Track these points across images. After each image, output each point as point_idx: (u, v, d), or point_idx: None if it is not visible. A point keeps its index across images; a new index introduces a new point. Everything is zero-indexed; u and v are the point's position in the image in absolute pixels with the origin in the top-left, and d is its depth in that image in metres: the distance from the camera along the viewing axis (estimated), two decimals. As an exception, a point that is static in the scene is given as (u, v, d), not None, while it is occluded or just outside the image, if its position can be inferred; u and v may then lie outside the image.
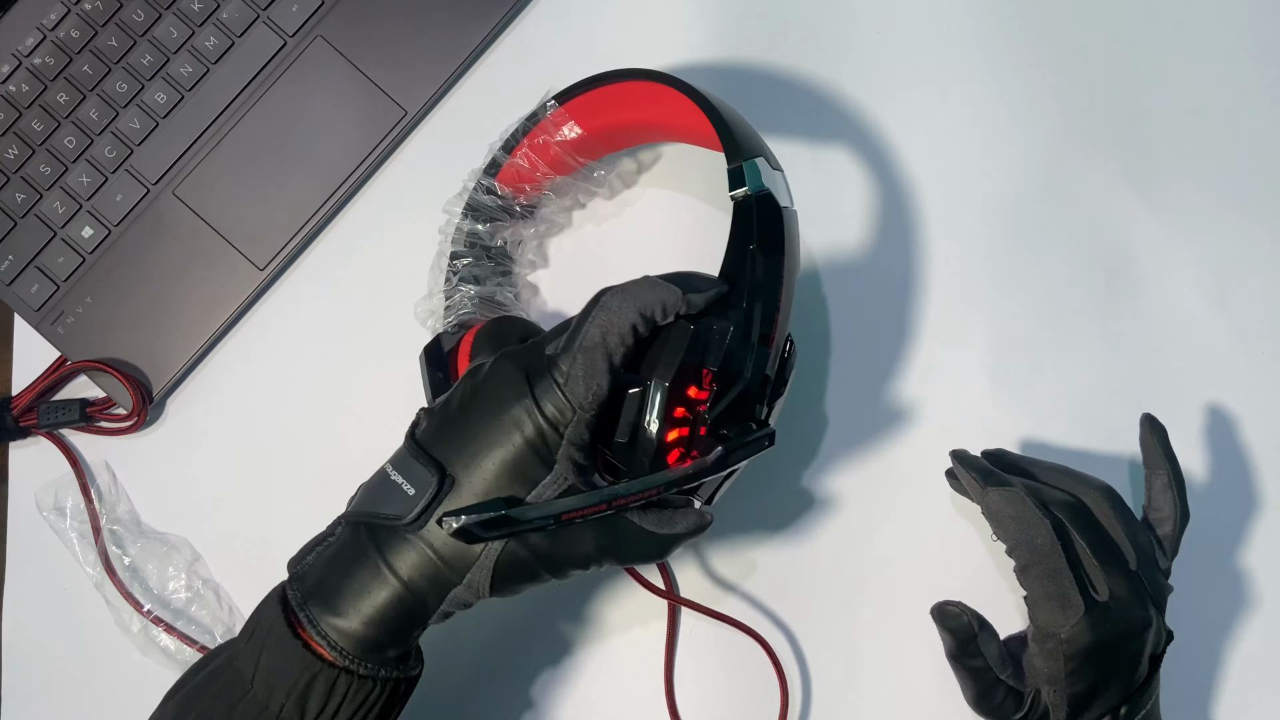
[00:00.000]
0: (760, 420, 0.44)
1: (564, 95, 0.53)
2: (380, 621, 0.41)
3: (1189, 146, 0.59)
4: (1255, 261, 0.58)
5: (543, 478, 0.41)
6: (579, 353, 0.41)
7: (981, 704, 0.48)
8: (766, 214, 0.46)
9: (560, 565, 0.43)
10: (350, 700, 0.41)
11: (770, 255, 0.45)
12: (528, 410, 0.41)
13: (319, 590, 0.42)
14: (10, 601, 0.59)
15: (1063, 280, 0.58)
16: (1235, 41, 0.60)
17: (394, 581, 0.41)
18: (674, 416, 0.43)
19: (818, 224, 0.59)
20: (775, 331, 0.45)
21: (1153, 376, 0.57)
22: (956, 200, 0.59)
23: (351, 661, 0.41)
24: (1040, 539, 0.46)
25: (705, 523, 0.44)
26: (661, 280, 0.43)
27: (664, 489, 0.41)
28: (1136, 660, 0.46)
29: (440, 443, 0.42)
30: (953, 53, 0.60)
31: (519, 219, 0.56)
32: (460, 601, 0.42)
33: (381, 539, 0.42)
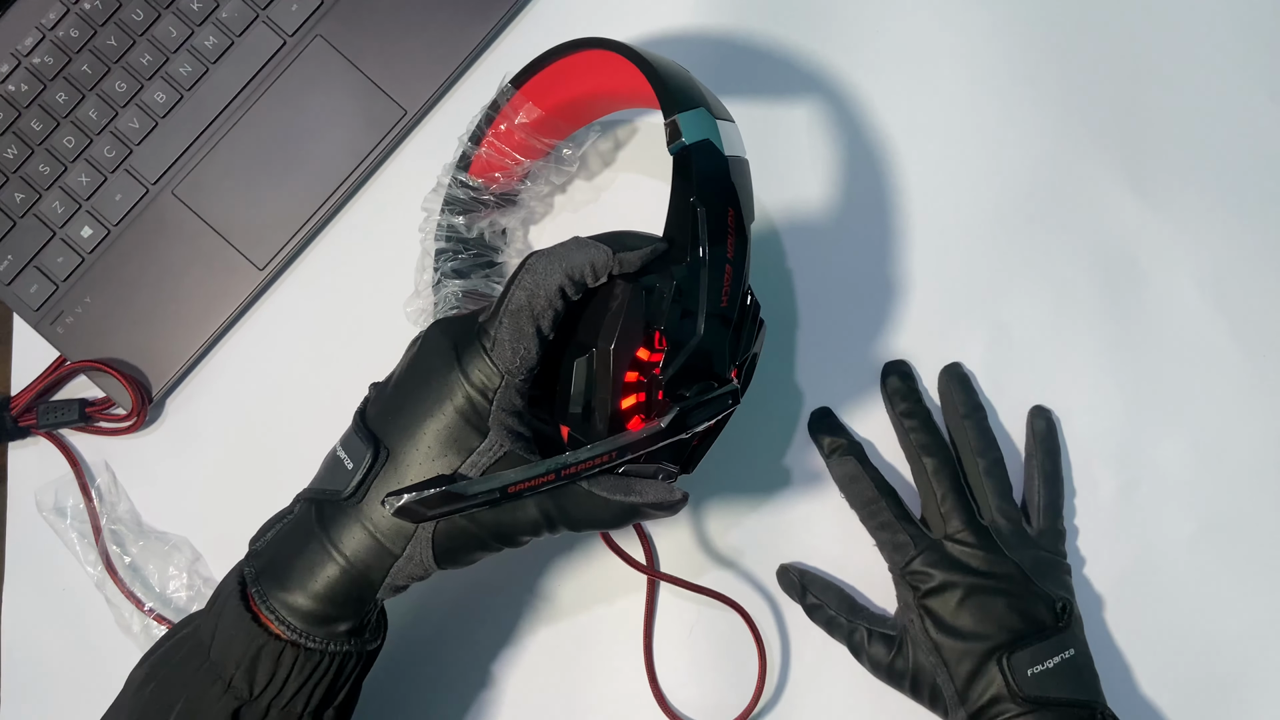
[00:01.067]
0: (724, 379, 0.43)
1: (519, 78, 0.53)
2: (327, 596, 0.42)
3: (1190, 146, 0.59)
4: (1255, 261, 0.58)
5: (478, 445, 0.41)
6: (504, 317, 0.41)
7: (860, 655, 0.53)
8: (706, 163, 0.43)
9: (506, 534, 0.43)
10: (298, 672, 0.42)
11: (714, 205, 0.42)
12: (456, 378, 0.41)
13: (270, 566, 0.43)
14: (10, 601, 0.59)
15: (1062, 279, 0.58)
16: (1236, 42, 0.60)
17: (337, 557, 0.42)
18: (627, 382, 0.42)
19: (818, 224, 0.59)
20: (727, 285, 0.42)
21: (1152, 376, 0.57)
22: (956, 200, 0.59)
23: (299, 635, 0.42)
24: (867, 496, 0.54)
25: (673, 499, 0.43)
26: (592, 240, 0.42)
27: (615, 455, 0.41)
28: (998, 605, 0.50)
29: (379, 416, 0.43)
30: (954, 51, 0.60)
31: (495, 208, 0.56)
32: (407, 574, 0.42)
33: (327, 515, 0.42)
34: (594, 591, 0.57)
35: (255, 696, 0.42)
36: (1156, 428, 0.57)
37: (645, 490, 0.43)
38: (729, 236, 0.42)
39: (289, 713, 0.43)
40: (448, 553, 0.42)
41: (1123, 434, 0.57)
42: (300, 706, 0.43)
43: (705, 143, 0.43)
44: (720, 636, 0.55)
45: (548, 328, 0.41)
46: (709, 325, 0.42)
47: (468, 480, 0.40)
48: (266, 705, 0.42)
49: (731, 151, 0.44)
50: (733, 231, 0.43)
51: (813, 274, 0.58)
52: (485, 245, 0.56)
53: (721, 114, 0.45)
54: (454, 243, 0.55)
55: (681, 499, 0.44)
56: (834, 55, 0.60)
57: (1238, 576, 0.56)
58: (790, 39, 0.60)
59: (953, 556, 0.51)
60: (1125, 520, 0.56)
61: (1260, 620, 0.56)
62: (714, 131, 0.44)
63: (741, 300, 0.43)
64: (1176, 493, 0.56)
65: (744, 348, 0.44)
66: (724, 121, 0.44)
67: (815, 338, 0.58)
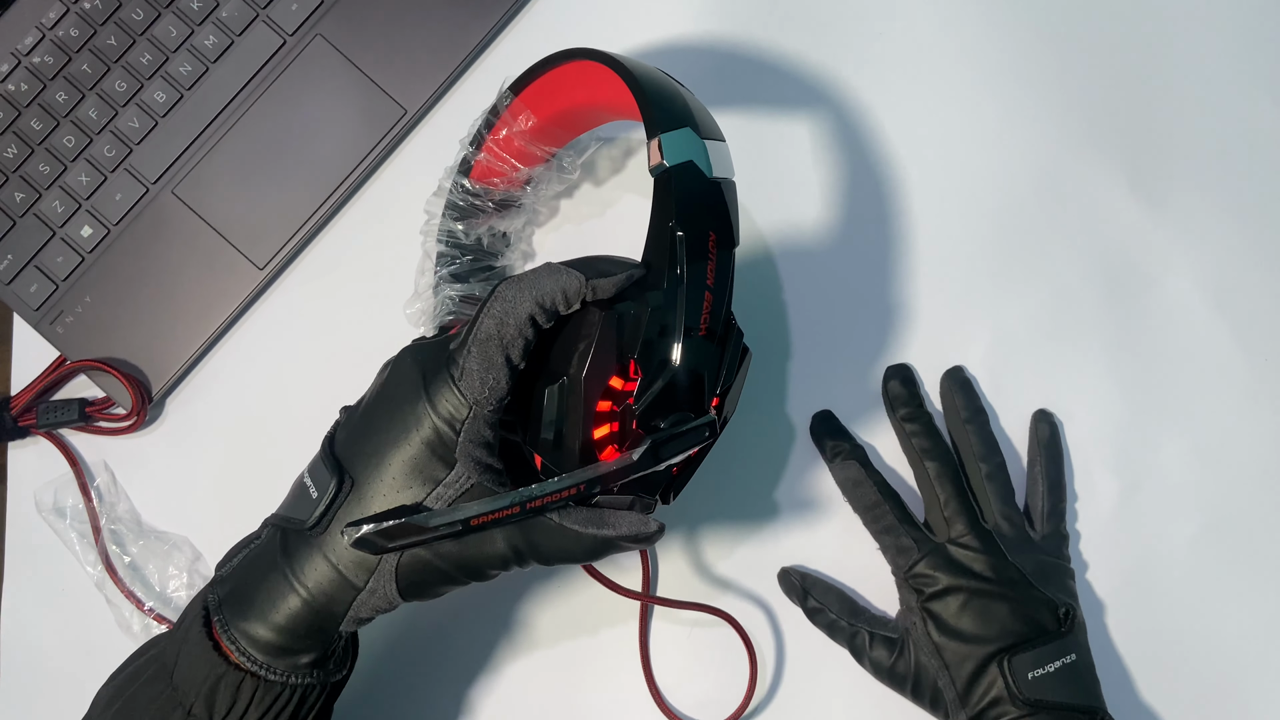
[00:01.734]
0: (702, 410, 0.41)
1: (517, 84, 0.52)
2: (288, 629, 0.41)
3: (1191, 149, 0.59)
4: (1257, 265, 0.58)
5: (444, 478, 0.40)
6: (473, 346, 0.40)
7: (861, 658, 0.53)
8: (687, 186, 0.42)
9: (473, 568, 0.42)
10: (257, 703, 0.41)
11: (694, 230, 0.41)
12: (423, 408, 0.40)
13: (233, 595, 0.42)
14: (9, 602, 0.59)
15: (1063, 283, 0.58)
16: (1238, 45, 0.60)
17: (299, 589, 0.41)
18: (600, 411, 0.41)
19: (818, 225, 0.58)
20: (706, 312, 0.41)
21: (1154, 380, 0.57)
22: (957, 203, 0.59)
23: (259, 666, 0.41)
24: (870, 500, 0.54)
25: (648, 531, 0.42)
26: (564, 266, 0.41)
27: (582, 488, 0.39)
28: (1000, 609, 0.50)
29: (346, 443, 0.42)
30: (955, 53, 0.60)
31: (495, 214, 0.55)
32: (371, 607, 0.41)
33: (290, 545, 0.41)
34: (587, 607, 0.56)
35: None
36: (1157, 431, 0.57)
37: (618, 523, 0.42)
38: (709, 262, 0.41)
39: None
40: (412, 586, 0.41)
41: (1124, 437, 0.57)
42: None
43: (688, 165, 0.42)
44: (716, 641, 0.56)
45: (518, 357, 0.40)
46: (686, 354, 0.41)
47: (429, 512, 0.39)
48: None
49: (718, 173, 0.43)
50: (713, 256, 0.41)
51: (813, 274, 0.58)
52: (484, 250, 0.56)
53: (711, 133, 0.44)
54: (453, 247, 0.55)
55: (656, 531, 0.42)
56: (835, 62, 0.60)
57: (1239, 579, 0.56)
58: (791, 48, 0.60)
59: (956, 560, 0.51)
60: (1126, 523, 0.56)
61: (1261, 623, 0.56)
62: (699, 152, 0.42)
63: (723, 327, 0.42)
64: (1177, 495, 0.56)
65: (726, 377, 0.43)
66: (712, 141, 0.43)
67: (816, 339, 0.58)
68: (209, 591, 0.43)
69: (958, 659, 0.50)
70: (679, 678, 0.56)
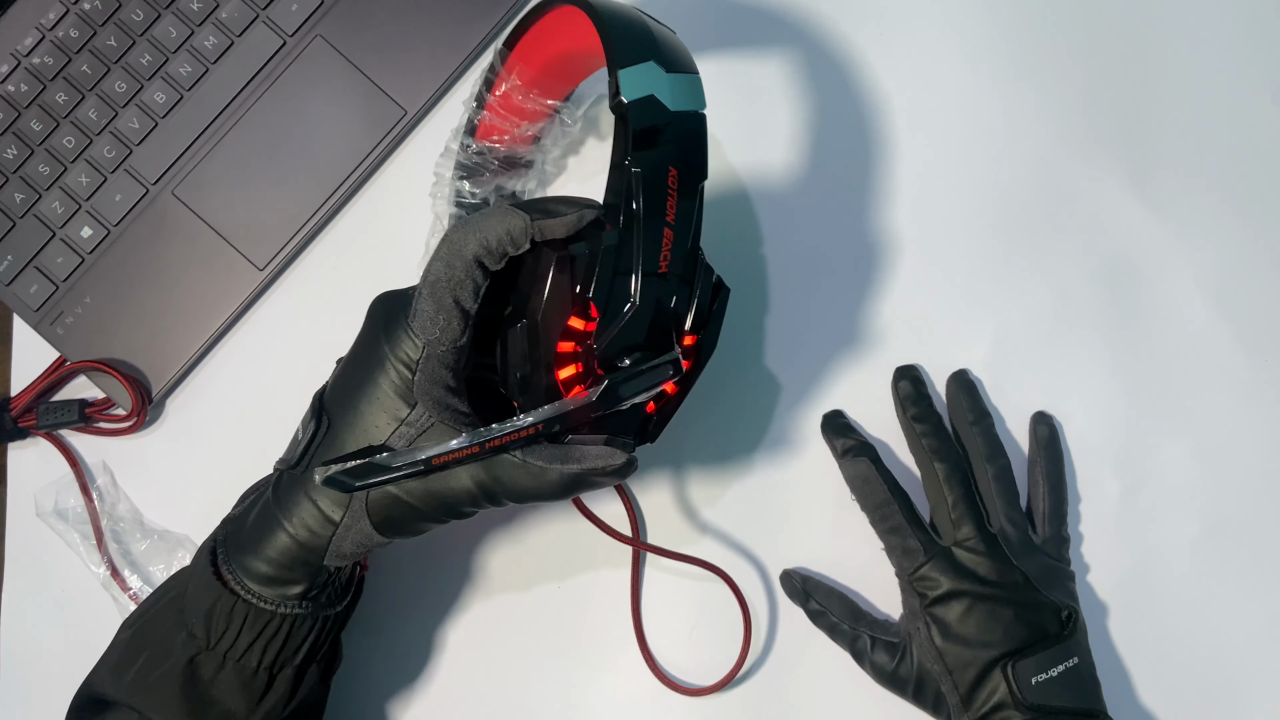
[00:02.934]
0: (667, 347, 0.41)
1: (510, 40, 0.52)
2: (277, 561, 0.44)
3: (1193, 149, 0.59)
4: (1258, 265, 0.58)
5: (407, 416, 0.42)
6: (423, 288, 0.41)
7: (862, 661, 0.53)
8: (645, 120, 0.40)
9: (442, 506, 0.43)
10: (249, 628, 0.44)
11: (651, 166, 0.40)
12: (384, 350, 0.42)
13: (237, 531, 0.46)
14: (10, 602, 0.59)
15: (1065, 284, 0.58)
16: (1240, 44, 0.59)
17: (285, 524, 0.44)
18: (563, 351, 0.41)
19: (817, 226, 0.58)
20: (666, 250, 0.40)
21: (1154, 380, 0.57)
22: (957, 203, 0.59)
23: (252, 595, 0.44)
24: (879, 499, 0.53)
25: (615, 463, 0.42)
26: (513, 207, 0.41)
27: (541, 427, 0.40)
28: (1005, 615, 0.49)
29: (329, 388, 0.44)
30: (955, 52, 0.60)
31: (501, 172, 0.55)
32: (352, 541, 0.43)
33: (281, 485, 0.45)
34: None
35: (212, 646, 0.45)
36: (1158, 431, 0.57)
37: (585, 456, 0.42)
38: (668, 199, 0.40)
39: (244, 666, 0.45)
40: (387, 521, 0.43)
41: (1124, 438, 0.57)
42: (255, 661, 0.45)
43: (647, 99, 0.40)
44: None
45: (468, 299, 0.41)
46: (646, 293, 0.40)
47: (391, 453, 0.41)
48: (222, 655, 0.45)
49: (683, 106, 0.41)
50: (673, 193, 0.40)
51: (813, 275, 0.58)
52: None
53: (679, 66, 0.42)
54: (462, 207, 0.55)
55: (625, 464, 0.43)
56: (836, 59, 0.60)
57: (1239, 580, 0.56)
58: (791, 48, 0.60)
59: (961, 564, 0.51)
60: (1127, 524, 0.56)
61: (1262, 624, 0.56)
62: (661, 86, 0.41)
63: (689, 264, 0.42)
64: (1178, 496, 0.56)
65: (697, 314, 0.43)
66: (679, 74, 0.42)
67: (816, 340, 0.58)
68: (219, 529, 0.47)
69: (961, 664, 0.50)
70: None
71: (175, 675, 0.44)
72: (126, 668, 0.46)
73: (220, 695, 0.45)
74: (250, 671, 0.45)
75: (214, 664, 0.45)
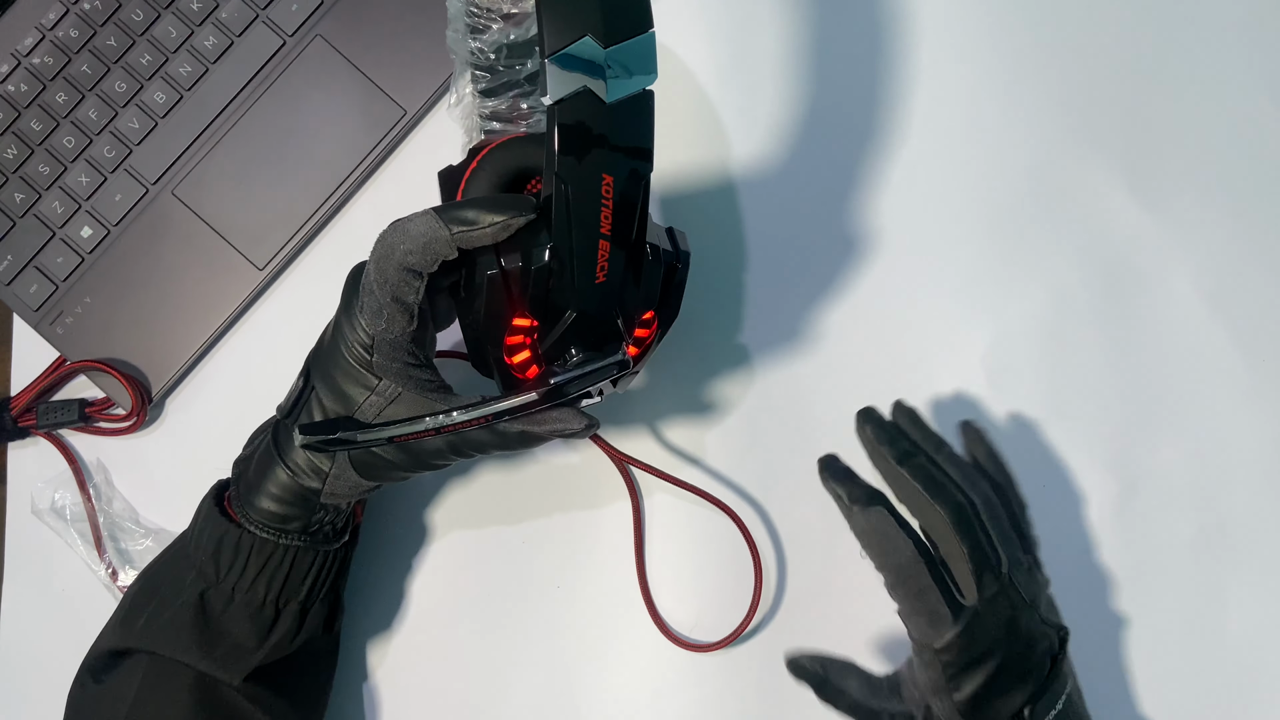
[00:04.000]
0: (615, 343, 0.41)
1: None
2: (278, 497, 0.47)
3: (1190, 149, 0.59)
4: (1255, 265, 0.58)
5: (375, 385, 0.44)
6: (363, 287, 0.43)
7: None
8: (573, 125, 0.37)
9: (416, 460, 0.46)
10: (255, 558, 0.47)
11: (581, 177, 0.37)
12: (345, 328, 0.44)
13: (244, 470, 0.49)
14: (9, 602, 0.59)
15: (1063, 284, 0.58)
16: (1238, 44, 0.60)
17: (286, 464, 0.47)
18: (510, 344, 0.42)
19: (814, 226, 0.59)
20: (604, 261, 0.39)
21: (1153, 380, 0.57)
22: (956, 203, 0.59)
23: (256, 527, 0.47)
24: (903, 558, 0.44)
25: (573, 428, 0.44)
26: (436, 216, 0.41)
27: (490, 419, 0.41)
28: (1024, 661, 0.45)
29: (314, 350, 0.47)
30: (954, 53, 0.60)
31: (510, 24, 0.54)
32: (344, 485, 0.46)
33: (280, 430, 0.48)
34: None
35: (220, 580, 0.47)
36: (1156, 431, 0.57)
37: (546, 418, 0.44)
38: (602, 209, 0.38)
39: (251, 599, 0.47)
40: (369, 470, 0.46)
41: (1123, 437, 0.57)
42: (261, 593, 0.47)
43: (578, 96, 0.36)
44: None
45: (410, 296, 0.42)
46: (583, 303, 0.40)
47: (356, 430, 0.43)
48: (231, 589, 0.47)
49: (624, 90, 0.37)
50: (608, 202, 0.38)
51: (809, 275, 0.58)
52: (506, 65, 0.55)
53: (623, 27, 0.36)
54: (479, 66, 0.55)
55: (585, 428, 0.44)
56: (833, 61, 0.60)
57: (1238, 580, 0.56)
58: (790, 48, 0.60)
59: (990, 627, 0.44)
60: (1125, 525, 0.56)
61: (1262, 625, 0.56)
62: (598, 68, 0.36)
63: (633, 260, 0.40)
64: (1176, 496, 0.56)
65: (649, 296, 0.42)
66: (623, 44, 0.36)
67: (812, 341, 0.58)
68: (234, 469, 0.50)
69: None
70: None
71: (188, 610, 0.47)
72: (137, 616, 0.48)
73: (230, 627, 0.47)
74: (258, 604, 0.47)
75: (223, 598, 0.47)
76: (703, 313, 0.58)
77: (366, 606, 0.57)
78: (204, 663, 0.46)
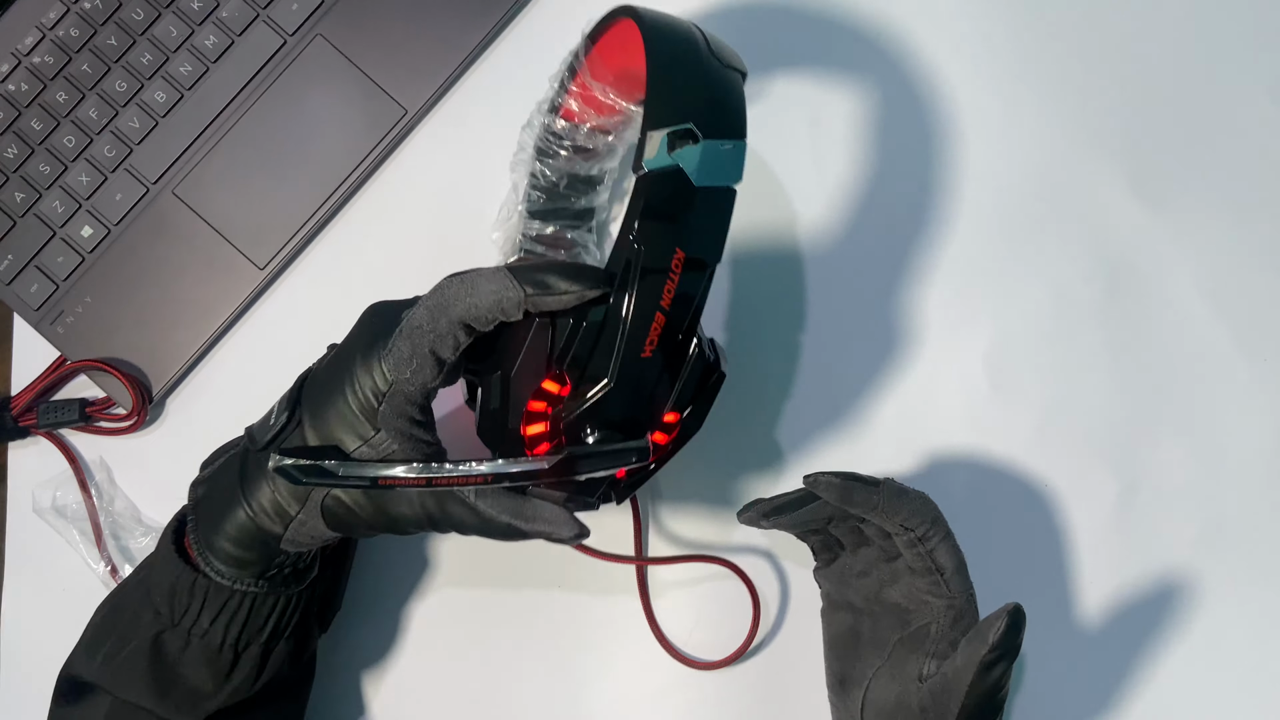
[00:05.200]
0: (639, 431, 0.40)
1: (593, 34, 0.49)
2: (236, 539, 0.44)
3: (1191, 149, 0.59)
4: (1256, 265, 0.58)
5: (371, 437, 0.42)
6: (403, 329, 0.41)
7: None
8: (661, 194, 0.38)
9: (390, 522, 0.43)
10: (210, 604, 0.45)
11: (657, 245, 0.38)
12: (356, 372, 0.42)
13: (203, 501, 0.46)
14: (9, 602, 0.59)
15: (1063, 283, 0.58)
16: (1237, 43, 0.60)
17: (247, 505, 0.44)
18: (532, 410, 0.41)
19: (812, 226, 0.59)
20: (654, 335, 0.39)
21: (1153, 380, 0.57)
22: (956, 202, 0.59)
23: (213, 571, 0.45)
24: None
25: (561, 534, 0.42)
26: (513, 277, 0.40)
27: (490, 479, 0.40)
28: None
29: (311, 381, 0.44)
30: (954, 52, 0.60)
31: (577, 157, 0.53)
32: (306, 533, 0.44)
33: (248, 462, 0.45)
34: (584, 578, 0.57)
35: (176, 623, 0.45)
36: (1157, 432, 0.57)
37: (535, 516, 0.42)
38: (668, 281, 0.39)
39: (208, 643, 0.45)
40: (338, 521, 0.44)
41: (1123, 437, 0.57)
42: (219, 638, 0.45)
43: (670, 172, 0.38)
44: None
45: (448, 353, 0.41)
46: (623, 376, 0.39)
47: (340, 463, 0.41)
48: (187, 632, 0.45)
49: (710, 180, 0.39)
50: (675, 276, 0.39)
51: (807, 273, 0.58)
52: (566, 192, 0.54)
53: (722, 128, 0.39)
54: (536, 186, 0.54)
55: (573, 536, 0.42)
56: (832, 62, 0.60)
57: (1238, 580, 0.56)
58: (787, 46, 0.60)
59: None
60: (1125, 525, 0.56)
61: (1262, 625, 0.56)
62: (693, 154, 0.38)
63: (680, 349, 0.40)
64: (1177, 497, 0.56)
65: (681, 397, 0.41)
66: (719, 141, 0.39)
67: (809, 334, 0.58)
68: (189, 496, 0.47)
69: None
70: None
71: (142, 653, 0.45)
72: (98, 647, 0.46)
73: (186, 672, 0.45)
74: (215, 649, 0.45)
75: (179, 641, 0.45)
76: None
77: (363, 613, 0.57)
78: (160, 707, 0.45)
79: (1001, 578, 0.55)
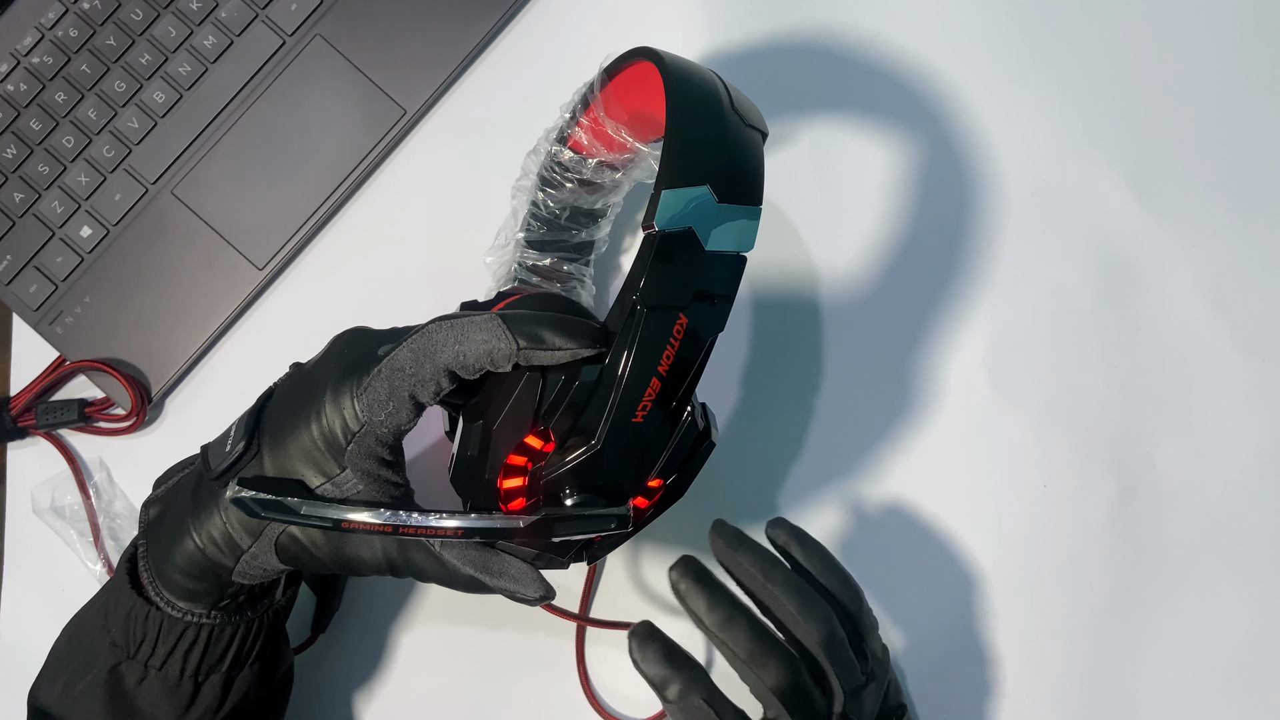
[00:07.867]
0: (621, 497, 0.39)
1: (611, 69, 0.48)
2: (185, 570, 0.42)
3: (1190, 149, 0.59)
4: (1255, 266, 0.58)
5: (336, 475, 0.40)
6: (383, 370, 0.38)
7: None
8: (670, 256, 0.37)
9: (347, 564, 0.42)
10: (165, 636, 0.43)
11: (660, 309, 0.37)
12: (325, 406, 0.39)
13: (153, 525, 0.44)
14: (9, 602, 0.59)
15: (1063, 283, 0.58)
16: (1237, 44, 0.60)
17: (196, 536, 0.42)
18: (512, 464, 0.39)
19: (810, 227, 0.58)
20: (647, 400, 0.37)
21: (1152, 380, 0.57)
22: (955, 203, 0.59)
23: (165, 603, 0.43)
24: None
25: (525, 595, 0.40)
26: (507, 328, 0.38)
27: (460, 532, 0.38)
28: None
29: (272, 407, 0.42)
30: (953, 52, 0.60)
31: (581, 190, 0.53)
32: (258, 568, 0.42)
33: (200, 489, 0.42)
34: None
35: (132, 655, 0.43)
36: (1156, 432, 0.57)
37: (501, 572, 0.40)
38: (668, 348, 0.37)
39: (166, 675, 0.43)
40: (292, 559, 0.42)
41: (1122, 437, 0.57)
42: (177, 669, 0.43)
43: (682, 234, 0.37)
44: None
45: (427, 398, 0.39)
46: (610, 439, 0.37)
47: (304, 500, 0.39)
48: (144, 664, 0.43)
49: (722, 245, 0.37)
50: (676, 342, 0.37)
51: (804, 274, 0.58)
52: (566, 224, 0.54)
53: (738, 194, 0.38)
54: (536, 215, 0.53)
55: (537, 598, 0.41)
56: (831, 62, 0.60)
57: (1238, 581, 0.56)
58: (786, 47, 0.60)
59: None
60: (1125, 525, 0.56)
61: (1262, 625, 0.56)
62: (706, 219, 0.37)
63: (673, 416, 0.39)
64: (1177, 497, 0.56)
65: (667, 468, 0.40)
66: (734, 207, 0.38)
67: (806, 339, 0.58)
68: (142, 514, 0.45)
69: None
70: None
71: (100, 685, 0.43)
72: (58, 675, 0.45)
73: (145, 705, 0.43)
74: (174, 681, 0.43)
75: (136, 673, 0.43)
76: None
77: (357, 616, 0.57)
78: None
79: (1001, 578, 0.55)
